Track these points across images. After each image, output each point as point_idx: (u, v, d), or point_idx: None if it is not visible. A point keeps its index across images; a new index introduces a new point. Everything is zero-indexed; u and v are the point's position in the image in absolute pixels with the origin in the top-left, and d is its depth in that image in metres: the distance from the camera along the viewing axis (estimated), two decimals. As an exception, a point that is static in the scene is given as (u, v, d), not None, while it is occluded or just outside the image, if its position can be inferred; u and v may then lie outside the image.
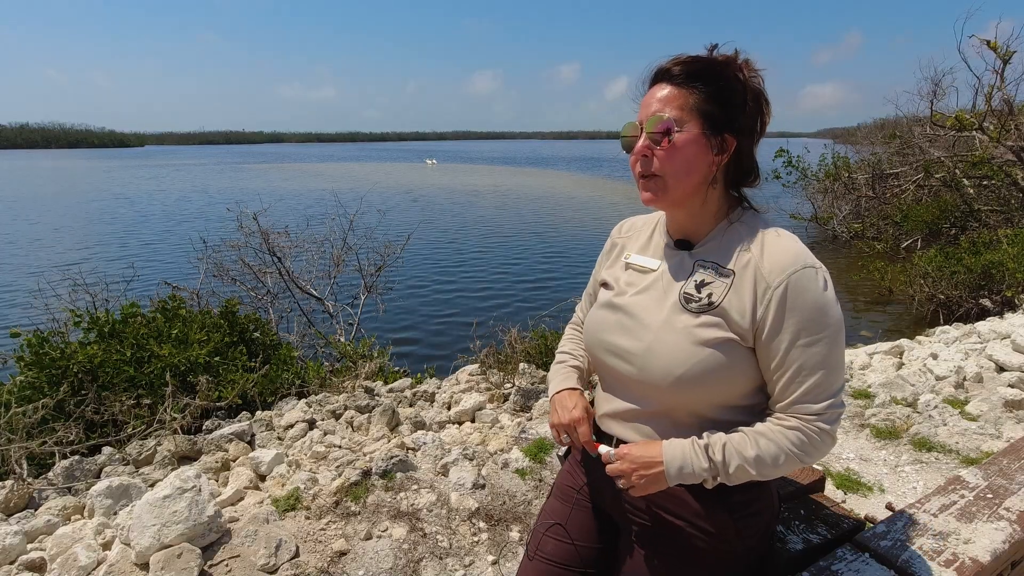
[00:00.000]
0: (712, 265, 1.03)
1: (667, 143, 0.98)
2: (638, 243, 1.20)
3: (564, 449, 1.37)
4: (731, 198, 1.08)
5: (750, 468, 0.97)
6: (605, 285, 1.22)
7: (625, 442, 1.11)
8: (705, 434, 1.02)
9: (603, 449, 1.11)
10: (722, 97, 0.97)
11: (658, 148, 0.99)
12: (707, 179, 1.02)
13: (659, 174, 1.00)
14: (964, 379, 3.94)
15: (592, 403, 1.27)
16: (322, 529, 2.30)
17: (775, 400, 1.01)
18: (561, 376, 1.30)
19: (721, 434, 1.00)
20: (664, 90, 0.99)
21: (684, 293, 1.04)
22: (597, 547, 1.24)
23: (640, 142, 1.01)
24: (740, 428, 1.01)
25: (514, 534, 2.37)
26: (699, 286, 1.03)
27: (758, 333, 0.98)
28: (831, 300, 0.96)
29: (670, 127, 0.97)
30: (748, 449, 0.97)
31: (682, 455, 1.00)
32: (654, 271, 1.12)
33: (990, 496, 1.33)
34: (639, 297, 1.10)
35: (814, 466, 1.58)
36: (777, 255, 0.97)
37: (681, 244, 1.10)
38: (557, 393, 1.26)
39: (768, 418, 1.02)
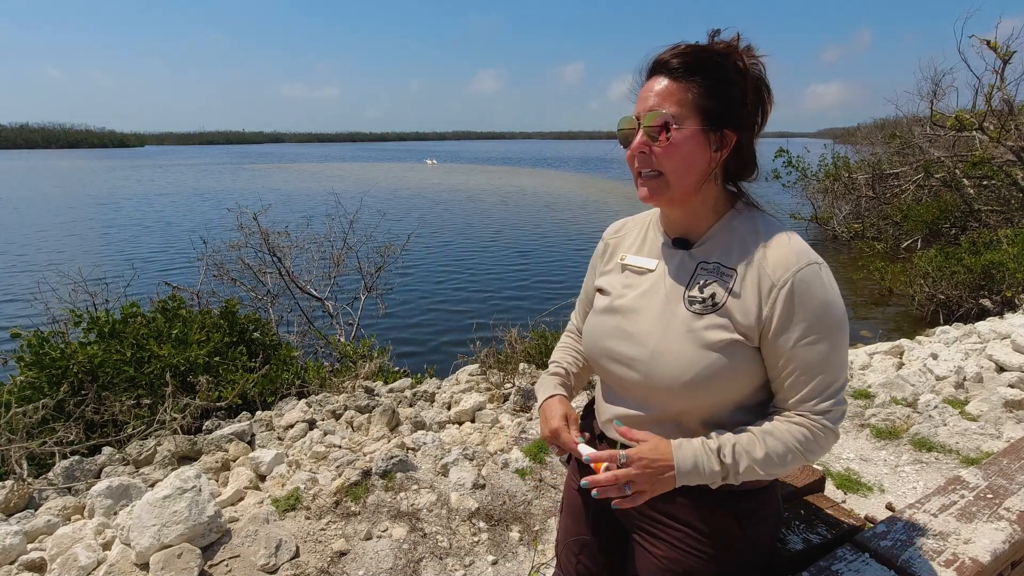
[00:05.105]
0: (714, 264, 1.00)
1: (665, 140, 0.94)
2: (632, 243, 1.16)
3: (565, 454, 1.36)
4: (729, 193, 1.05)
5: (758, 468, 0.96)
6: (601, 290, 1.16)
7: (629, 447, 1.08)
8: (714, 435, 0.99)
9: (584, 449, 1.07)
10: (722, 91, 0.93)
11: (656, 145, 0.95)
12: (707, 176, 0.99)
13: (659, 171, 0.97)
14: (964, 379, 3.94)
15: (589, 406, 1.26)
16: (322, 529, 2.30)
17: (781, 398, 0.99)
18: (543, 387, 1.27)
19: (729, 435, 0.98)
20: (662, 83, 0.95)
21: (688, 295, 1.01)
22: (619, 559, 1.24)
23: (637, 138, 0.97)
24: (747, 428, 0.99)
25: (514, 534, 2.37)
26: (702, 286, 1.00)
27: (764, 332, 0.96)
28: (835, 296, 0.95)
29: (668, 124, 0.93)
30: (757, 450, 0.95)
31: (694, 458, 0.96)
32: (652, 271, 1.08)
33: (990, 496, 1.33)
34: (639, 300, 1.06)
35: (814, 466, 1.58)
36: (781, 252, 0.95)
37: (679, 243, 1.06)
38: (540, 406, 1.24)
39: (774, 416, 1.00)
